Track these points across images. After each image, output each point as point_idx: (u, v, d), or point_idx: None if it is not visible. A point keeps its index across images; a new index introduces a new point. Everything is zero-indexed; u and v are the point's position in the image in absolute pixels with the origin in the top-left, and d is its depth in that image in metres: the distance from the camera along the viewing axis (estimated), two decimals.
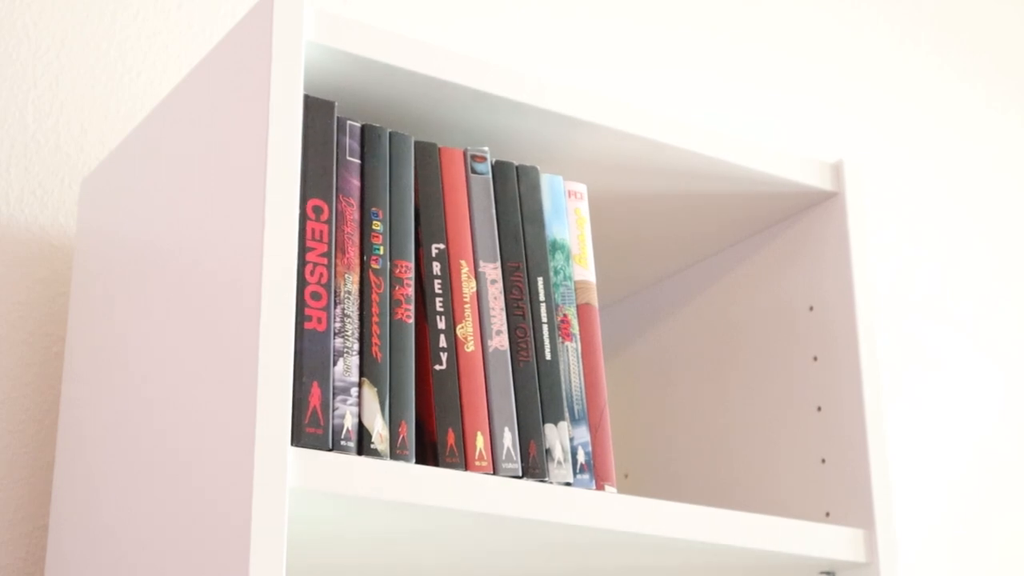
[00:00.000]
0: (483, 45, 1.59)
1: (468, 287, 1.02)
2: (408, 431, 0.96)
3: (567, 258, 1.08)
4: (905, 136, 1.93)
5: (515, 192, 1.07)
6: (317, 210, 0.97)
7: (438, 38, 1.55)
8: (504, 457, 0.99)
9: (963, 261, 1.92)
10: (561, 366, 1.04)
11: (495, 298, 1.03)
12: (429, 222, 1.03)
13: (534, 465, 1.00)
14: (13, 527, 1.20)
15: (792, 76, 1.85)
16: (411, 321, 0.99)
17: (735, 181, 1.21)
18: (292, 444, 0.91)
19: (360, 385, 0.95)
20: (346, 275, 0.97)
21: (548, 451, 1.01)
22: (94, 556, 1.09)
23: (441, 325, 1.00)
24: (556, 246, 1.08)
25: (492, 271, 1.04)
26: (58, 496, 1.17)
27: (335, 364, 0.95)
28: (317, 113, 0.99)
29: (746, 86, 1.80)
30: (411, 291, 1.00)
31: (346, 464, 0.92)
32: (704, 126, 1.17)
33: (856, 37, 1.94)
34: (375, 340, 0.97)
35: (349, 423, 0.94)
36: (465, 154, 1.06)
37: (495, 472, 0.99)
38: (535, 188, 1.08)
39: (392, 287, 0.99)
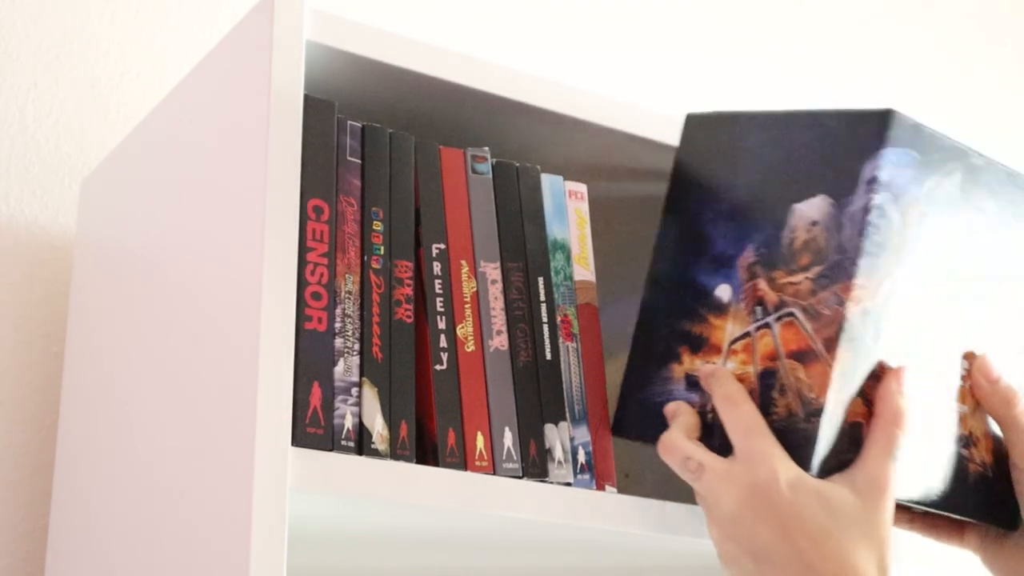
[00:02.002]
0: (483, 45, 1.59)
1: (468, 287, 1.02)
2: (408, 431, 0.96)
3: (567, 258, 1.08)
4: None
5: (515, 192, 1.07)
6: (317, 210, 0.97)
7: (438, 38, 1.55)
8: (504, 457, 0.99)
9: None
10: (562, 366, 1.04)
11: (495, 298, 1.03)
12: (429, 222, 1.03)
13: (534, 465, 1.00)
14: (13, 527, 1.20)
15: (793, 77, 1.85)
16: (411, 321, 0.99)
17: None
18: (292, 444, 0.91)
19: (360, 385, 0.95)
20: (347, 275, 0.97)
21: (548, 451, 1.01)
22: (94, 556, 1.09)
23: (441, 325, 1.00)
24: (556, 246, 1.08)
25: (492, 271, 1.04)
26: (58, 496, 1.17)
27: (336, 364, 0.95)
28: (317, 113, 0.99)
29: (746, 86, 1.80)
30: (411, 291, 1.00)
31: (346, 464, 0.92)
32: None
33: (856, 38, 1.94)
34: (376, 340, 0.97)
35: (349, 423, 0.94)
36: (465, 154, 1.06)
37: (495, 472, 0.99)
38: (535, 188, 1.08)
39: (392, 287, 0.99)
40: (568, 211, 1.09)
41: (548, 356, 1.04)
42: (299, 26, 0.98)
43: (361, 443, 0.94)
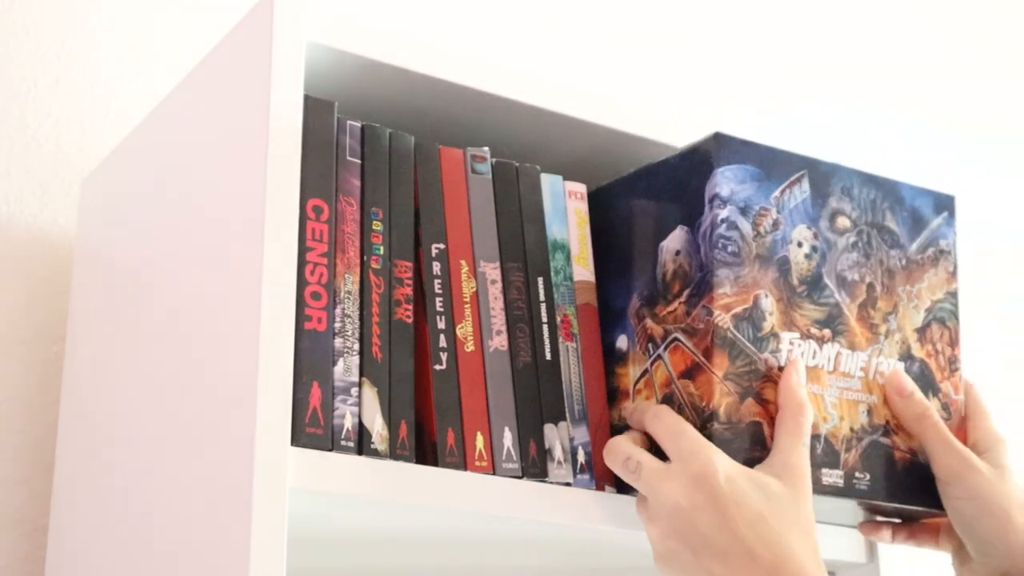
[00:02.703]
0: (483, 45, 1.59)
1: (468, 287, 1.02)
2: (408, 431, 0.96)
3: (567, 258, 1.08)
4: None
5: (515, 192, 1.07)
6: (317, 210, 0.97)
7: (438, 38, 1.55)
8: (504, 457, 0.99)
9: (962, 259, 1.92)
10: (561, 366, 1.05)
11: (495, 298, 1.03)
12: (429, 222, 1.03)
13: (534, 465, 1.00)
14: (13, 527, 1.20)
15: (795, 80, 1.85)
16: (411, 321, 0.99)
17: None
18: (292, 444, 0.91)
19: (360, 385, 0.95)
20: (346, 275, 0.97)
21: (548, 451, 1.01)
22: (94, 556, 1.09)
23: (441, 325, 1.00)
24: (556, 246, 1.08)
25: (492, 271, 1.04)
26: (58, 496, 1.17)
27: (335, 364, 0.95)
28: (317, 113, 0.99)
29: (748, 87, 1.80)
30: (411, 291, 1.00)
31: (346, 464, 0.92)
32: (705, 127, 1.17)
33: (856, 39, 1.94)
34: (375, 340, 0.97)
35: (349, 423, 0.94)
36: (465, 154, 1.06)
37: (495, 472, 0.99)
38: (535, 188, 1.08)
39: (392, 287, 0.99)
40: (568, 211, 1.09)
41: (548, 356, 1.04)
42: (299, 26, 0.98)
43: (361, 443, 0.94)
